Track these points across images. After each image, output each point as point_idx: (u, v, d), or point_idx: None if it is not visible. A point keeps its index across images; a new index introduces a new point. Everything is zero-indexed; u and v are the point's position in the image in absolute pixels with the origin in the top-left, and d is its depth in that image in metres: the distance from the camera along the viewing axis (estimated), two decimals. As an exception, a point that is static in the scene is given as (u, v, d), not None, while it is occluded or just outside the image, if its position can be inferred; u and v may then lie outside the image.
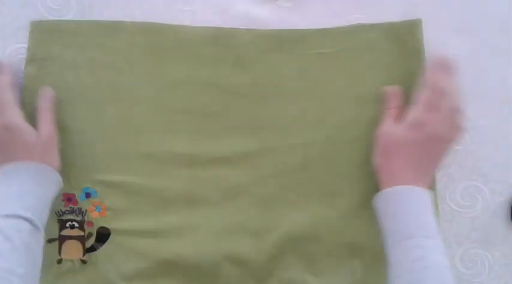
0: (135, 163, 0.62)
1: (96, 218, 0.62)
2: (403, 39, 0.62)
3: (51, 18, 0.63)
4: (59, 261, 0.62)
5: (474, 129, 0.63)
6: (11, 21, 0.63)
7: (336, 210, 0.59)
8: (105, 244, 0.62)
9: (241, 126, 0.62)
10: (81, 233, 0.62)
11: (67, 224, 0.62)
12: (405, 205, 0.53)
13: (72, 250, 0.62)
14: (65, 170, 0.61)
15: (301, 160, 0.62)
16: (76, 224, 0.62)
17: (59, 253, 0.62)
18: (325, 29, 0.63)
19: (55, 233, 0.62)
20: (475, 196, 0.63)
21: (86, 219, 0.62)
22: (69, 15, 0.63)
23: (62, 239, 0.62)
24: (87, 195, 0.62)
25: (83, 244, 0.62)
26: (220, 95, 0.62)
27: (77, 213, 0.62)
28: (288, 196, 0.62)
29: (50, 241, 0.62)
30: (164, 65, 0.62)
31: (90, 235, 0.62)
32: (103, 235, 0.62)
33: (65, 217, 0.62)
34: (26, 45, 0.62)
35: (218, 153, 0.62)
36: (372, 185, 0.59)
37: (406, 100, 0.59)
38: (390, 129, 0.57)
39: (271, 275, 0.61)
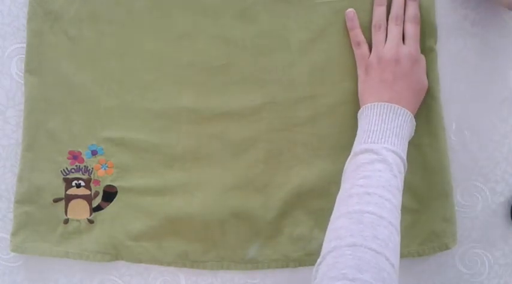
0: (141, 119, 0.62)
1: (103, 177, 0.62)
2: None
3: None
4: (66, 221, 0.62)
5: (474, 129, 0.63)
6: (11, 21, 0.63)
7: (344, 164, 0.58)
8: (112, 203, 0.62)
9: (248, 80, 0.61)
10: (88, 192, 0.62)
11: (73, 183, 0.62)
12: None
13: (79, 210, 0.62)
14: (70, 127, 0.61)
15: (309, 114, 0.61)
16: (82, 183, 0.62)
17: (65, 212, 0.62)
18: None
19: (61, 193, 0.62)
20: (475, 196, 0.63)
21: (92, 178, 0.62)
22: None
23: (68, 198, 0.62)
24: (93, 153, 0.62)
25: (90, 204, 0.62)
26: (226, 48, 0.61)
27: (83, 171, 0.62)
28: (295, 150, 0.61)
29: (55, 200, 0.62)
30: (168, 17, 0.61)
31: (96, 193, 0.62)
32: (110, 194, 0.62)
33: (70, 176, 0.62)
34: (25, 45, 0.62)
35: (225, 108, 0.61)
36: None
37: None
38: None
39: (280, 231, 0.61)
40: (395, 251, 0.46)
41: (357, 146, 0.54)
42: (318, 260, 0.47)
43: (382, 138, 0.52)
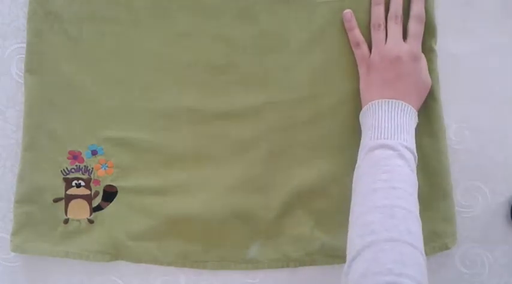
0: (141, 119, 0.62)
1: (103, 177, 0.62)
2: None
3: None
4: (66, 221, 0.62)
5: (474, 129, 0.63)
6: (11, 21, 0.63)
7: (344, 164, 0.58)
8: (112, 202, 0.62)
9: (249, 80, 0.61)
10: (88, 192, 0.62)
11: (73, 183, 0.62)
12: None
13: (79, 210, 0.62)
14: (70, 127, 0.61)
15: (309, 114, 0.61)
16: (82, 183, 0.62)
17: (66, 212, 0.62)
18: None
19: (61, 193, 0.62)
20: (475, 196, 0.63)
21: (92, 177, 0.62)
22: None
23: (68, 198, 0.62)
24: (93, 153, 0.62)
25: (90, 203, 0.62)
26: (227, 48, 0.61)
27: (83, 171, 0.62)
28: (296, 151, 0.61)
29: (56, 200, 0.62)
30: (168, 17, 0.61)
31: (96, 193, 0.62)
32: (110, 194, 0.62)
33: (71, 176, 0.62)
34: (25, 45, 0.62)
35: (225, 108, 0.61)
36: None
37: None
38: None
39: (280, 231, 0.61)
40: (423, 246, 0.47)
41: (368, 142, 0.54)
42: (351, 255, 0.46)
43: (395, 135, 0.53)
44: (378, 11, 0.59)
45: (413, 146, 0.53)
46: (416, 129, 0.57)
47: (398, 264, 0.43)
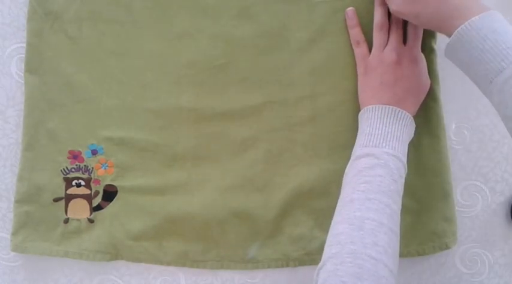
0: (141, 118, 0.62)
1: (103, 176, 0.62)
2: None
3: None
4: (66, 220, 0.62)
5: (474, 129, 0.63)
6: (11, 21, 0.63)
7: (344, 163, 0.57)
8: (112, 202, 0.62)
9: (248, 79, 0.61)
10: (88, 191, 0.62)
11: (73, 183, 0.62)
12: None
13: (79, 209, 0.62)
14: (70, 126, 0.61)
15: (309, 113, 0.61)
16: (82, 183, 0.62)
17: (66, 212, 0.62)
18: None
19: (61, 192, 0.62)
20: (475, 195, 0.63)
21: (92, 177, 0.62)
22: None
23: (68, 198, 0.62)
24: (93, 152, 0.62)
25: (90, 203, 0.62)
26: (226, 47, 0.61)
27: (83, 170, 0.62)
28: (296, 150, 0.61)
29: (56, 200, 0.62)
30: (168, 17, 0.61)
31: (96, 193, 0.62)
32: (110, 193, 0.62)
33: (71, 175, 0.62)
34: (25, 45, 0.62)
35: (225, 107, 0.61)
36: None
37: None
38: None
39: (280, 231, 0.61)
40: (394, 257, 0.47)
41: (358, 149, 0.54)
42: (320, 264, 0.48)
43: (383, 142, 0.53)
44: (381, 11, 0.58)
45: (402, 154, 0.53)
46: (416, 129, 0.57)
47: (353, 277, 0.44)
